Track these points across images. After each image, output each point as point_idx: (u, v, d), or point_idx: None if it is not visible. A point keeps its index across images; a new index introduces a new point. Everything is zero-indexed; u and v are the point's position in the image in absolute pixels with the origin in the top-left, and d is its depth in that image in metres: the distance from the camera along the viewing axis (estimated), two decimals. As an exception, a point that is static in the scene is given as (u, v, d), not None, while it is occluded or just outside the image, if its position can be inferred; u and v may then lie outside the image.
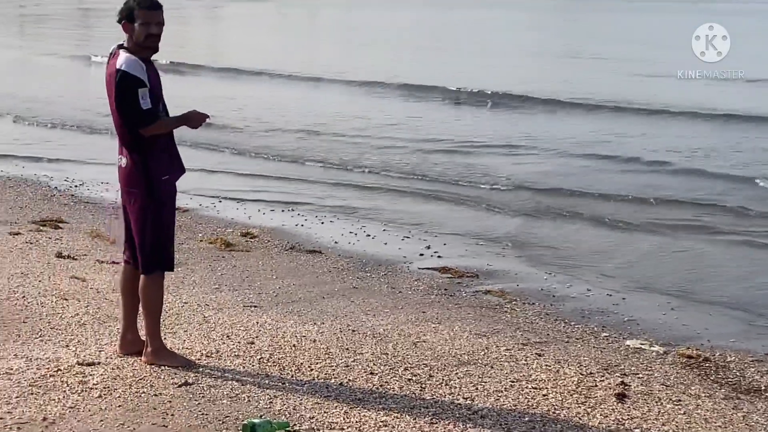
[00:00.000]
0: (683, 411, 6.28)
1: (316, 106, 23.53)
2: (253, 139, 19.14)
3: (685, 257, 11.13)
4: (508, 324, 8.24)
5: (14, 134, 19.53)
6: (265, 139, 19.22)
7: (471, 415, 5.98)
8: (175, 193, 6.51)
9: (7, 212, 11.66)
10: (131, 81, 6.11)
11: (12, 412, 5.57)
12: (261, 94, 26.11)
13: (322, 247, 10.95)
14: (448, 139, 19.18)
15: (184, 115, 6.46)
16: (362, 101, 24.82)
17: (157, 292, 6.51)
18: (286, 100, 24.74)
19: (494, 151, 18.08)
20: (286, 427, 5.55)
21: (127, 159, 6.31)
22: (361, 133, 19.77)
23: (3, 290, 8.13)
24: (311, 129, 20.10)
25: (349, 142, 18.86)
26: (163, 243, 6.42)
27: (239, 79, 29.24)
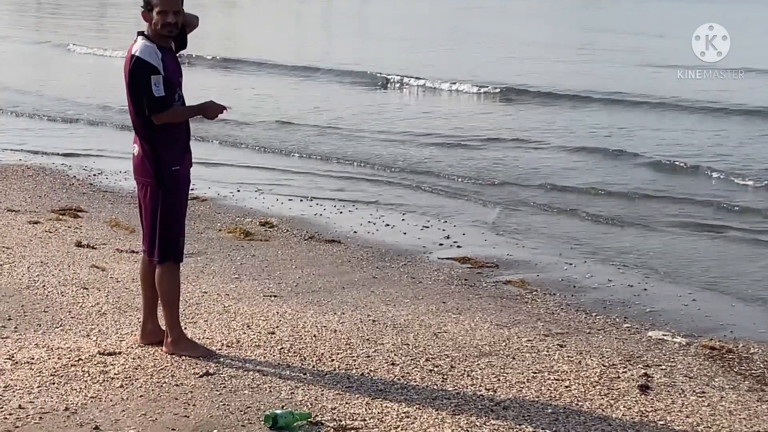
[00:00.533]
0: (707, 403, 6.24)
1: (335, 100, 23.48)
2: (269, 132, 19.10)
3: (707, 249, 11.06)
4: (529, 315, 8.19)
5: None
6: (280, 132, 19.17)
7: (493, 406, 5.94)
8: (188, 183, 6.48)
9: (26, 201, 11.66)
10: (145, 67, 6.10)
11: (34, 402, 5.57)
12: (279, 87, 26.04)
13: (341, 237, 10.92)
14: (464, 134, 19.11)
15: (200, 105, 6.44)
16: (379, 97, 24.72)
17: (173, 283, 6.49)
18: (305, 95, 24.68)
19: (512, 145, 18.01)
20: (307, 418, 5.53)
21: (139, 148, 6.30)
22: (378, 128, 19.71)
23: (23, 279, 8.14)
24: (328, 124, 20.02)
25: (368, 137, 18.80)
26: (174, 233, 6.40)
27: (259, 71, 29.12)
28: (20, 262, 8.67)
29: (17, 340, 6.64)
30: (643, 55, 31.43)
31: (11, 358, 6.25)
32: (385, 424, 5.57)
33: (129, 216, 11.00)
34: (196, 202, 12.17)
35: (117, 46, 30.91)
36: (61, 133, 18.35)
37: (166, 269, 6.43)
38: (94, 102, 21.71)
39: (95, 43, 34.72)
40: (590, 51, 34.37)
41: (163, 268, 6.42)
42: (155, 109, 6.13)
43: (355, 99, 23.69)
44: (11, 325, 6.95)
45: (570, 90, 24.40)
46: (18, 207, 11.22)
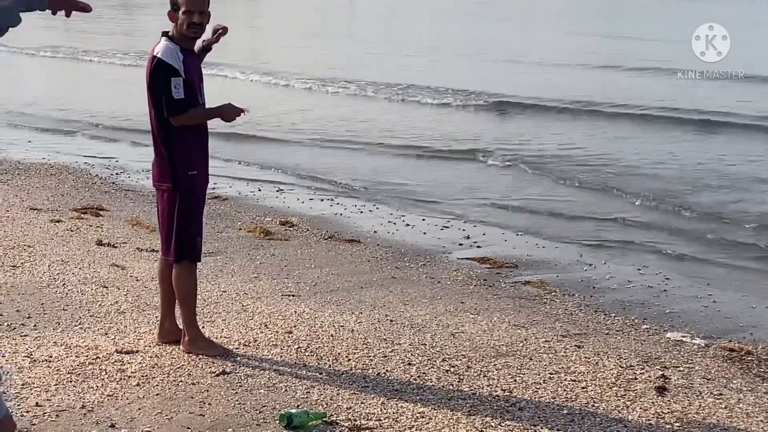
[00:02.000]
0: (724, 405, 6.21)
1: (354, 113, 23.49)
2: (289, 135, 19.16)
3: (725, 250, 10.99)
4: (547, 315, 8.18)
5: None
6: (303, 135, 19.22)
7: (509, 407, 5.93)
8: (205, 186, 6.48)
9: (48, 200, 11.73)
10: (165, 69, 6.12)
11: (51, 400, 5.60)
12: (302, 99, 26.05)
13: (361, 237, 10.93)
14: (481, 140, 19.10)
15: (218, 108, 6.45)
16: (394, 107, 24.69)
17: (189, 282, 6.51)
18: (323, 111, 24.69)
19: (532, 148, 18.00)
20: (323, 417, 5.54)
21: (158, 151, 6.32)
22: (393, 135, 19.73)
23: (44, 277, 8.19)
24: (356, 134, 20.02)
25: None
26: (191, 235, 6.41)
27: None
28: (41, 260, 8.73)
29: (36, 338, 6.68)
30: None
31: (30, 355, 6.29)
32: (400, 424, 5.57)
33: (150, 215, 11.04)
34: (216, 201, 12.21)
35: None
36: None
37: (182, 268, 6.45)
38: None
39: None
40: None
41: (180, 267, 6.44)
42: (174, 111, 6.15)
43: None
44: (30, 323, 7.00)
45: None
46: (40, 205, 11.29)
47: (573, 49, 34.88)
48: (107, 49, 34.33)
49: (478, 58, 32.38)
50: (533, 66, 29.78)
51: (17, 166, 14.08)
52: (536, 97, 23.48)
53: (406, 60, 31.69)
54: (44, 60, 32.43)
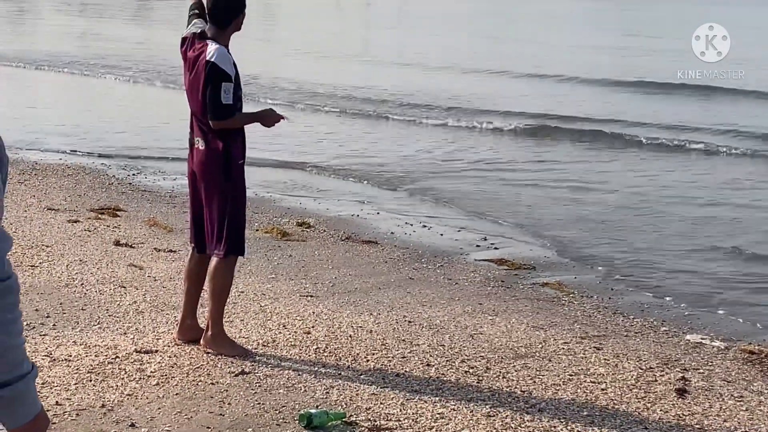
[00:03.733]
0: (745, 407, 6.18)
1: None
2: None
3: (743, 253, 10.95)
4: (566, 317, 8.15)
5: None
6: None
7: (528, 408, 5.92)
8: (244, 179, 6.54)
9: (66, 200, 11.75)
10: (220, 74, 6.17)
11: (71, 399, 5.61)
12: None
13: (378, 238, 10.92)
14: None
15: (260, 113, 6.52)
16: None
17: (229, 277, 6.52)
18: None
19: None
20: (342, 418, 5.53)
21: (206, 142, 6.33)
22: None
23: (62, 277, 8.20)
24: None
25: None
26: (241, 227, 6.46)
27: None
28: (59, 261, 8.74)
29: (55, 337, 6.69)
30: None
31: (49, 355, 6.30)
32: (420, 424, 5.56)
33: (167, 215, 11.07)
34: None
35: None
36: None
37: (226, 263, 6.44)
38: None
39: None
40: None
41: (225, 261, 6.43)
42: (219, 116, 6.18)
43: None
44: (50, 323, 7.01)
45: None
46: (57, 206, 11.31)
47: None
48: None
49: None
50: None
51: (34, 166, 14.11)
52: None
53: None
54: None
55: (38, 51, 31.14)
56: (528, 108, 21.61)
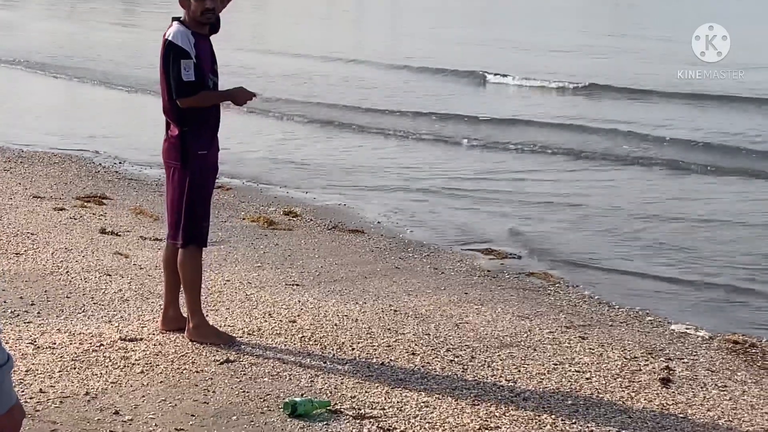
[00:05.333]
0: (729, 397, 6.20)
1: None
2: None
3: (729, 243, 10.98)
4: (552, 306, 8.16)
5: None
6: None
7: (513, 397, 5.92)
8: (215, 170, 6.51)
9: (51, 188, 11.71)
10: (176, 51, 6.16)
11: (54, 386, 5.59)
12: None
13: (365, 227, 10.91)
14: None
15: (229, 91, 6.47)
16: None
17: (195, 268, 6.50)
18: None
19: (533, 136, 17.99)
20: (327, 406, 5.53)
21: (167, 129, 6.35)
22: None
23: (47, 265, 8.17)
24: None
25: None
26: (198, 217, 6.41)
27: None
28: (44, 248, 8.71)
29: (40, 325, 6.67)
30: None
31: (33, 342, 6.28)
32: (405, 413, 5.56)
33: (153, 204, 11.04)
34: (220, 191, 12.17)
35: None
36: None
37: (188, 253, 6.44)
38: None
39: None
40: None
41: (186, 252, 6.43)
42: (182, 93, 6.16)
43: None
44: (34, 310, 6.99)
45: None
46: (43, 193, 11.27)
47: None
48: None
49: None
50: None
51: (20, 154, 14.05)
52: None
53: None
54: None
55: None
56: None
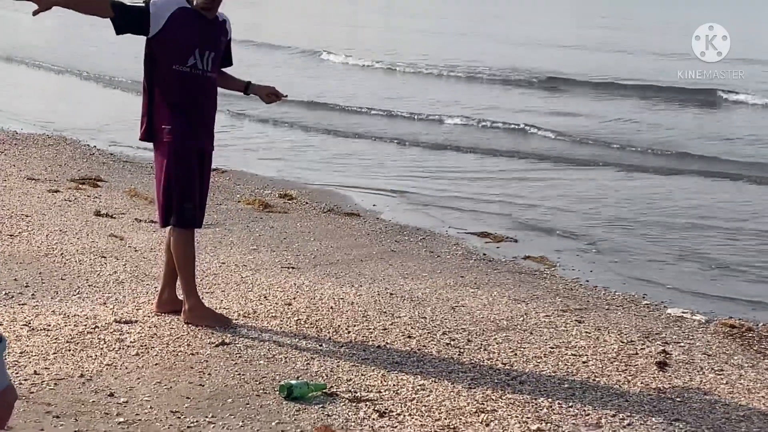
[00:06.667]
0: (725, 381, 6.18)
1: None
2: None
3: (726, 229, 10.97)
4: (548, 290, 8.14)
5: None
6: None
7: (509, 380, 5.90)
8: (191, 149, 6.32)
9: (46, 170, 11.66)
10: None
11: (49, 368, 5.55)
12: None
13: (360, 210, 10.88)
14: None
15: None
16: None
17: (184, 249, 6.41)
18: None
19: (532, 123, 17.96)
20: (323, 389, 5.50)
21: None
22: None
23: (41, 247, 8.13)
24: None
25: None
26: (177, 199, 6.28)
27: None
28: (39, 230, 8.67)
29: (34, 306, 6.63)
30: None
31: (28, 324, 6.24)
32: (401, 396, 5.53)
33: (148, 186, 10.99)
34: (215, 174, 12.13)
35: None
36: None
37: (177, 235, 6.38)
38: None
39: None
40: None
41: (175, 233, 6.38)
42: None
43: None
44: (28, 292, 6.95)
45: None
46: (38, 176, 11.23)
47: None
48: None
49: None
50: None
51: (14, 136, 14.00)
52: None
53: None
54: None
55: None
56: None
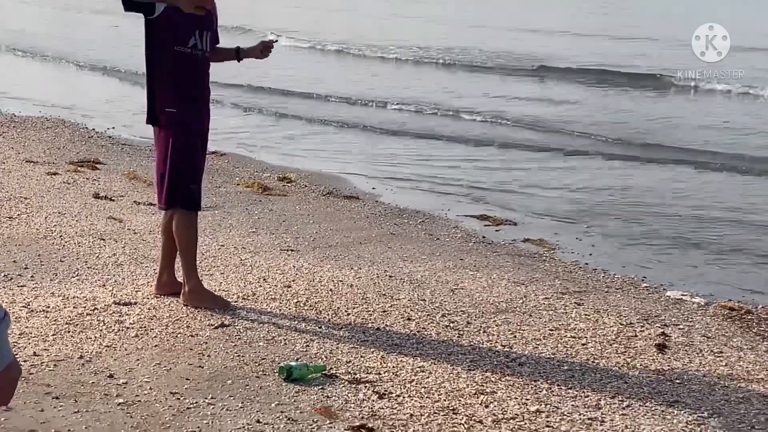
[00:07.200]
0: (725, 363, 6.18)
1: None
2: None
3: (726, 211, 10.96)
4: (547, 273, 8.14)
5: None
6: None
7: (509, 362, 5.90)
8: (201, 136, 6.36)
9: (45, 152, 11.65)
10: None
11: (48, 350, 5.55)
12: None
13: (360, 193, 10.87)
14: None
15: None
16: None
17: (189, 231, 6.42)
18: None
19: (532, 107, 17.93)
20: (322, 370, 5.50)
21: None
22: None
23: (40, 229, 8.13)
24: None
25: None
26: (184, 180, 6.30)
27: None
28: (38, 213, 8.66)
29: (33, 288, 6.63)
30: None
31: (27, 306, 6.24)
32: (400, 377, 5.53)
33: (147, 169, 10.98)
34: (214, 157, 12.13)
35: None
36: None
37: (181, 217, 6.37)
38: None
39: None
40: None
41: (179, 215, 6.37)
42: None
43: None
44: (27, 274, 6.95)
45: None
46: (36, 158, 11.21)
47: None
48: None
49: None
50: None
51: (12, 119, 13.98)
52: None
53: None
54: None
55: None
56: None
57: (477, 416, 5.06)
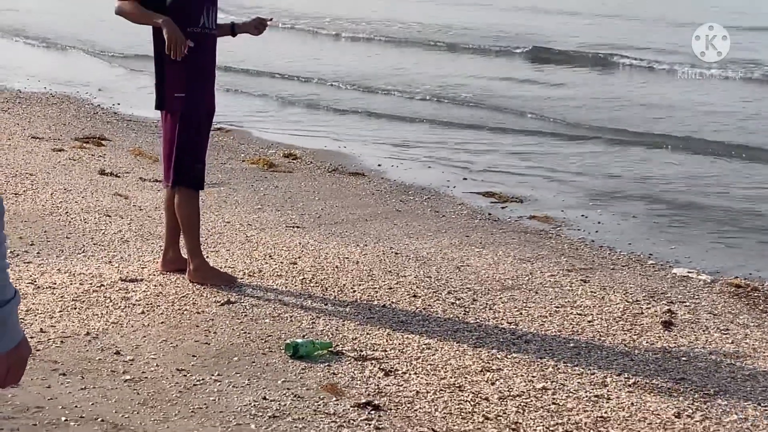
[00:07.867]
0: (731, 340, 6.17)
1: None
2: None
3: (732, 187, 10.94)
4: (553, 250, 8.13)
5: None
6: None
7: (515, 339, 5.90)
8: (203, 112, 6.35)
9: (50, 129, 11.64)
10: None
11: (55, 326, 5.56)
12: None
13: (365, 170, 10.86)
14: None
15: (164, 20, 6.07)
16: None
17: (191, 210, 6.42)
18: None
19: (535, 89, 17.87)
20: (328, 347, 5.51)
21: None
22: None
23: (46, 206, 8.13)
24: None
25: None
26: (188, 159, 6.30)
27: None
28: (43, 189, 8.67)
29: (39, 265, 6.64)
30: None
31: (33, 282, 6.24)
32: (406, 354, 5.54)
33: (153, 145, 10.97)
34: (220, 133, 12.12)
35: None
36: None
37: (182, 195, 6.37)
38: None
39: None
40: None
41: (180, 193, 6.37)
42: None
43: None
44: (34, 250, 6.95)
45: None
46: (42, 134, 11.21)
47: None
48: None
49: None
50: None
51: (18, 95, 13.97)
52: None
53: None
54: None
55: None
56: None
57: (483, 393, 5.06)
